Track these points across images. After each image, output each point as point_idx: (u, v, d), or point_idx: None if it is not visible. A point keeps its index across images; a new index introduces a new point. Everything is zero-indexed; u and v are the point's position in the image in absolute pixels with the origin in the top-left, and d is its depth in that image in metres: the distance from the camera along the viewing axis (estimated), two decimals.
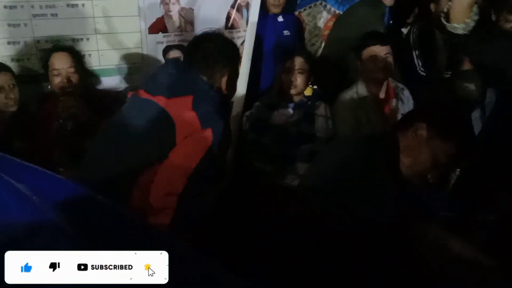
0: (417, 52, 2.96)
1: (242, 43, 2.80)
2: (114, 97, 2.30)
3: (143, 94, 1.68)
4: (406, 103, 2.55)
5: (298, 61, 2.43)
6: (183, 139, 1.56)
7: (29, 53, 2.40)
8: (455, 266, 1.35)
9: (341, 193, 1.43)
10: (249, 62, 2.75)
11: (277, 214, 1.49)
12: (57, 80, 2.13)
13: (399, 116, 2.46)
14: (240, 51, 2.82)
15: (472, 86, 2.52)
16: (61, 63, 2.13)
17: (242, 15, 2.77)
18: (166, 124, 1.57)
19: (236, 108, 2.83)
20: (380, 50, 2.37)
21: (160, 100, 1.60)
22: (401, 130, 1.54)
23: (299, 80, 2.42)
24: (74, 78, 2.14)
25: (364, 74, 2.45)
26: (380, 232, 1.35)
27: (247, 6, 2.76)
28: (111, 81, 2.64)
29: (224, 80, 1.70)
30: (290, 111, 2.44)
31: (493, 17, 2.72)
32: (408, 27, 3.23)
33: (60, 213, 0.66)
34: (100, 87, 2.56)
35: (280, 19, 2.86)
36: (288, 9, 2.94)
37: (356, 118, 2.40)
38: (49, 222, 0.64)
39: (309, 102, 2.46)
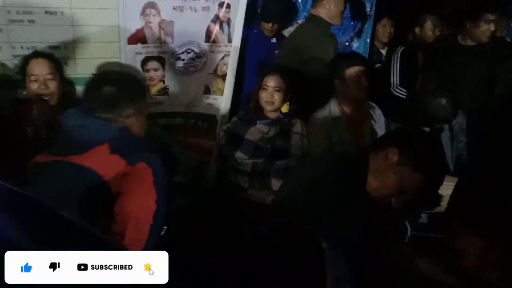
0: (397, 72, 3.07)
1: (223, 58, 2.85)
2: None
3: (50, 158, 1.53)
4: (378, 122, 2.62)
5: (275, 79, 2.47)
6: (122, 187, 1.46)
7: (3, 58, 2.35)
8: (423, 284, 1.39)
9: (311, 209, 1.45)
10: (233, 78, 2.80)
11: (250, 229, 1.50)
12: (34, 86, 2.10)
13: (372, 135, 2.53)
14: (220, 66, 2.87)
15: (443, 101, 2.60)
16: (40, 69, 2.10)
17: (223, 30, 2.81)
18: (89, 178, 1.45)
19: (223, 122, 2.86)
20: (363, 70, 2.43)
21: (73, 159, 1.47)
22: (373, 151, 1.56)
23: (275, 97, 2.46)
24: (52, 85, 2.11)
25: (342, 93, 2.48)
26: (350, 249, 1.38)
27: (228, 21, 2.81)
28: None
29: (130, 120, 1.60)
30: (267, 127, 2.47)
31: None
32: (386, 48, 3.36)
33: (10, 223, 0.65)
34: (76, 95, 2.52)
35: (274, 40, 2.93)
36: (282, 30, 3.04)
37: (329, 138, 2.44)
38: None
39: (285, 119, 2.49)
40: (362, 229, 1.47)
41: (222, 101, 2.88)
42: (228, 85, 2.82)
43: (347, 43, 3.38)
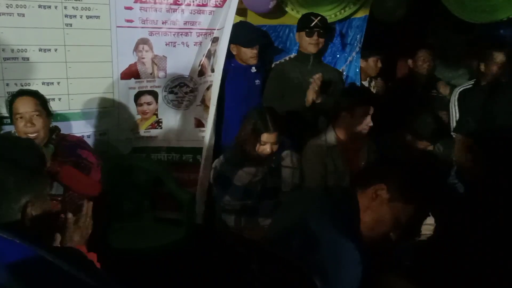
0: (456, 114, 3.05)
1: (208, 88, 2.84)
2: (77, 143, 2.25)
3: None
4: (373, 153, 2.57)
5: (272, 136, 2.29)
6: None
7: None
8: None
9: (301, 248, 1.41)
10: (214, 108, 2.79)
11: (239, 270, 1.44)
12: (21, 124, 2.10)
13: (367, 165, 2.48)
14: (207, 96, 2.86)
15: (429, 119, 2.56)
16: (25, 107, 2.09)
17: (210, 62, 2.82)
18: None
19: (209, 153, 2.84)
20: (372, 111, 2.39)
21: None
22: (360, 189, 1.52)
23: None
24: (38, 123, 2.10)
25: (345, 125, 2.43)
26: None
27: (214, 53, 2.81)
28: (80, 125, 2.63)
29: None
30: (254, 169, 2.35)
31: None
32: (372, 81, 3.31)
33: (12, 276, 0.68)
34: (68, 131, 2.54)
35: (253, 70, 2.93)
36: (260, 60, 3.01)
37: (323, 166, 2.38)
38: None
39: (274, 157, 2.36)
40: (358, 267, 1.42)
41: (206, 133, 2.86)
42: (210, 116, 2.80)
43: None
